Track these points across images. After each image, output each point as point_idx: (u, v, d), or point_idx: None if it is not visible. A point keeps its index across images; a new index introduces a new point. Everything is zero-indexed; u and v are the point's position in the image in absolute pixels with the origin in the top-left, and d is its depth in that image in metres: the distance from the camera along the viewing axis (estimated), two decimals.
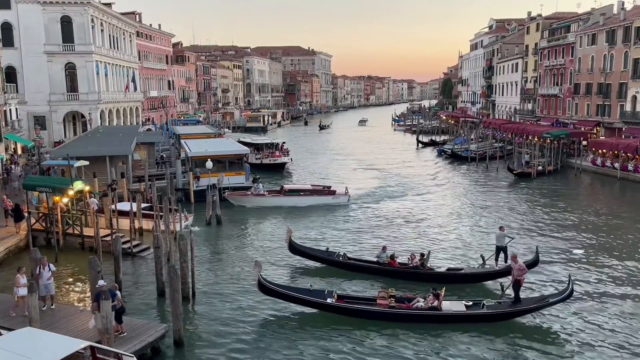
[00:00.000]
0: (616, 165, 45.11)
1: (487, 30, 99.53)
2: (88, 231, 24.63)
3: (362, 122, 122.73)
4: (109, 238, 23.17)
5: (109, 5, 64.62)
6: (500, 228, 22.92)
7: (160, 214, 25.96)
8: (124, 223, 26.47)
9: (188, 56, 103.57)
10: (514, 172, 46.50)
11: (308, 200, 34.43)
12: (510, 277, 18.29)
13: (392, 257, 21.26)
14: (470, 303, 17.36)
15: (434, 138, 78.72)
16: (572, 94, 61.05)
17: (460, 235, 27.81)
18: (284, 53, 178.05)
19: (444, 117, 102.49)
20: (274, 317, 17.78)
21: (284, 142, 56.31)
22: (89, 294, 18.58)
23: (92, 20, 57.02)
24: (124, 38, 69.02)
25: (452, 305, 17.27)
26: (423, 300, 17.31)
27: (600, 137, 53.18)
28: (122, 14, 70.24)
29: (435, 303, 16.90)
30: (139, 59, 75.89)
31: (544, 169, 47.77)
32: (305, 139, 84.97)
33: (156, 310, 18.49)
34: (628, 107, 50.42)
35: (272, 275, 20.53)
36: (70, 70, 56.21)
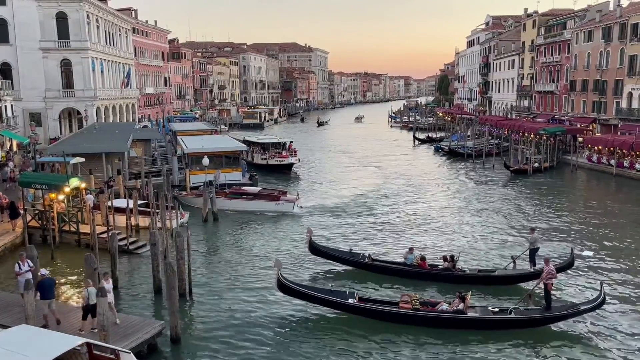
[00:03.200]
0: (612, 162, 45.21)
1: (483, 27, 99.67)
2: (84, 228, 24.63)
3: (358, 119, 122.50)
4: (105, 235, 23.18)
5: (104, 1, 64.30)
6: (532, 230, 21.84)
7: (157, 210, 25.97)
8: (120, 220, 26.45)
9: (184, 53, 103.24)
10: (511, 168, 46.58)
11: (250, 204, 32.46)
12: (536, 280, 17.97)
13: (423, 258, 20.42)
14: (497, 309, 16.69)
15: (430, 135, 78.91)
16: (568, 90, 61.18)
17: (464, 235, 27.33)
18: (280, 50, 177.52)
19: (441, 114, 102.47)
20: (272, 314, 17.72)
21: (291, 142, 52.29)
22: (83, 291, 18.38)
23: (88, 17, 56.74)
24: (119, 34, 68.74)
25: (479, 310, 16.69)
26: (448, 305, 16.71)
27: (596, 134, 53.32)
28: (118, 10, 69.94)
29: (461, 306, 16.26)
30: (135, 56, 75.60)
31: (540, 165, 47.84)
32: (302, 136, 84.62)
33: (153, 307, 18.49)
34: (624, 104, 50.59)
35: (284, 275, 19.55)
36: (66, 67, 55.94)
